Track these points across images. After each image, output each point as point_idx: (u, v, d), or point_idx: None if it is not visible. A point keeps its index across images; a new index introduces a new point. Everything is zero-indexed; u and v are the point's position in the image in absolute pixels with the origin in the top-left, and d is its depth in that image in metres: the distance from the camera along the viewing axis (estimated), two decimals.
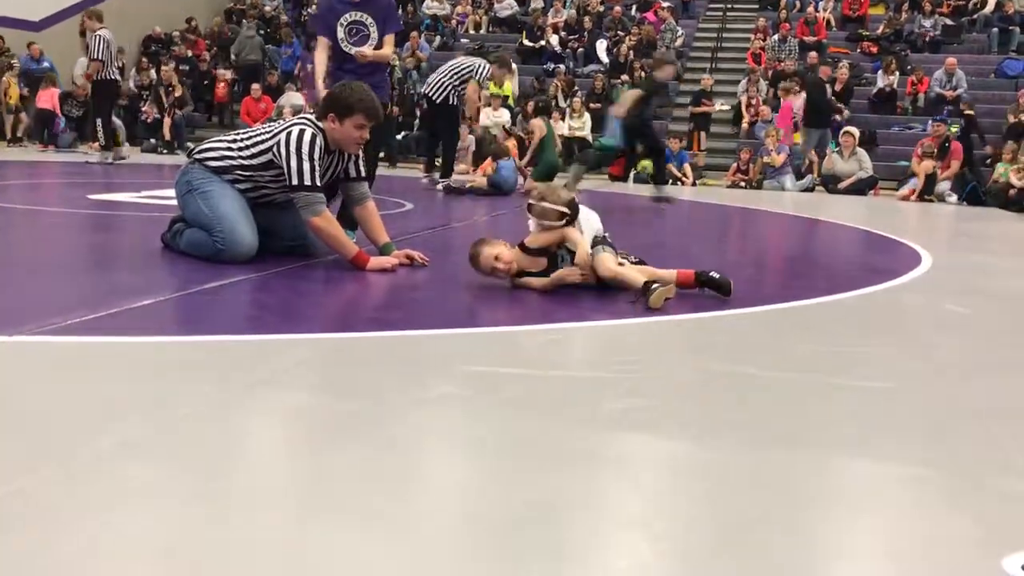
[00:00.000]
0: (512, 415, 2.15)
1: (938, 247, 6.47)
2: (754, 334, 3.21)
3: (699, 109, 15.30)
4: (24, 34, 17.04)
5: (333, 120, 4.05)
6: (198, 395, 2.17)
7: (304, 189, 3.98)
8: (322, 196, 4.03)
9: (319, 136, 4.04)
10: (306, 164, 3.96)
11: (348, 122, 4.01)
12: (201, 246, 4.07)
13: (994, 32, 17.67)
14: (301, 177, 3.97)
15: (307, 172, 3.97)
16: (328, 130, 4.08)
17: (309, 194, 3.98)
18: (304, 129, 4.03)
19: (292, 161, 3.97)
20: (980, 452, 2.06)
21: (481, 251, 3.71)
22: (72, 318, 2.81)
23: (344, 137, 4.06)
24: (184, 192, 4.22)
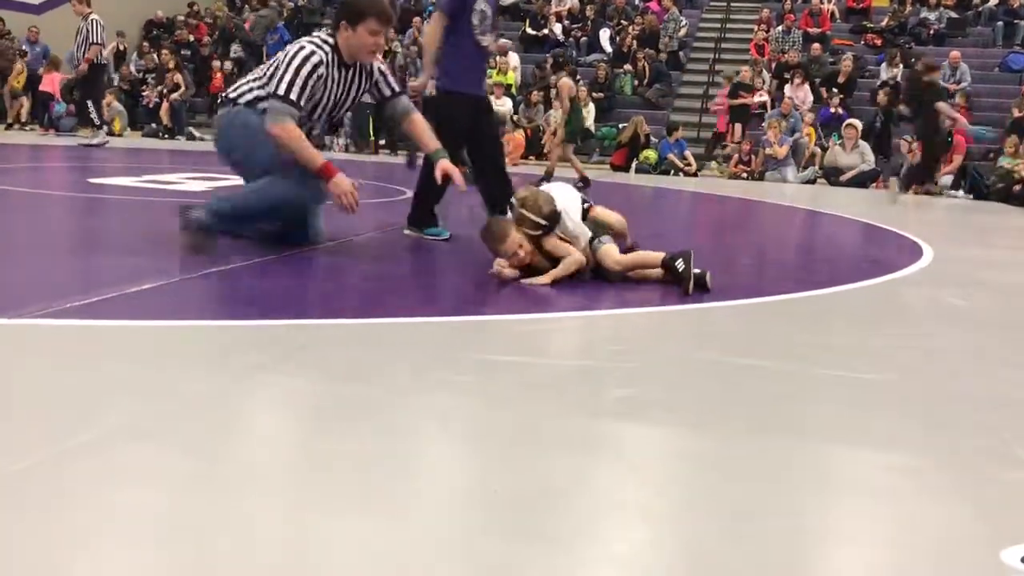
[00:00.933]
0: (511, 402, 2.14)
1: (939, 240, 6.45)
2: (753, 325, 3.20)
3: (736, 101, 15.03)
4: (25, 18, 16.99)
5: (345, 28, 3.93)
6: (198, 379, 2.16)
7: (278, 99, 3.86)
8: (293, 111, 3.86)
9: (324, 59, 3.91)
10: (291, 76, 3.85)
11: (361, 28, 3.89)
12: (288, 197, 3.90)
13: (999, 26, 17.62)
14: (279, 86, 3.85)
15: (288, 84, 3.85)
16: (342, 42, 3.96)
17: (281, 103, 3.85)
18: (309, 48, 3.92)
19: (280, 70, 3.88)
20: (979, 443, 2.05)
21: (511, 232, 3.61)
22: (72, 301, 2.80)
23: (359, 45, 3.94)
24: (248, 137, 3.98)
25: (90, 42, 11.03)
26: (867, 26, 18.21)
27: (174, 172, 8.27)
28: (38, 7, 17.40)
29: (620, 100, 16.43)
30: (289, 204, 3.96)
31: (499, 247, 3.62)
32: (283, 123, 3.84)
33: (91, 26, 11.01)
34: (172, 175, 7.89)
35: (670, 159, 13.71)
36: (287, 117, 3.85)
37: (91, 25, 11.01)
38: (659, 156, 13.85)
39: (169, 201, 6.03)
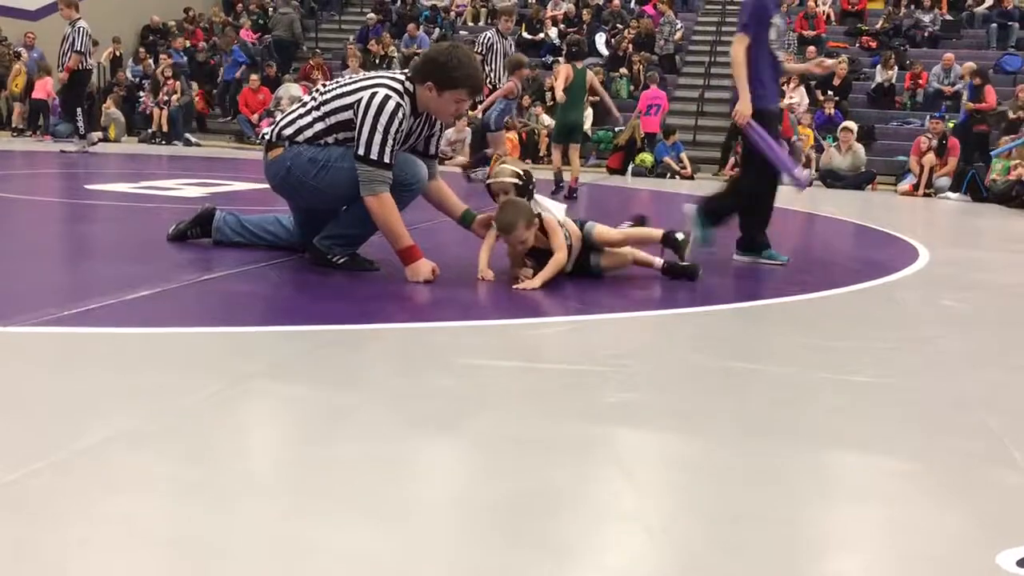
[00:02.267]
0: (507, 408, 2.15)
1: (936, 242, 6.47)
2: (750, 329, 3.21)
3: None
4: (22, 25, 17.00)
5: (431, 89, 3.69)
6: (194, 386, 2.16)
7: (370, 163, 3.62)
8: (388, 175, 3.65)
9: (404, 106, 3.69)
10: (379, 136, 3.60)
11: (448, 95, 3.69)
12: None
13: (993, 28, 17.67)
14: (370, 149, 3.60)
15: (378, 145, 3.61)
16: (422, 96, 3.73)
17: (374, 170, 3.62)
18: (393, 101, 3.65)
19: (366, 129, 3.62)
20: (977, 446, 2.06)
21: (519, 223, 3.60)
22: (68, 309, 2.80)
23: (439, 108, 3.76)
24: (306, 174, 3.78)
25: (75, 49, 11.00)
26: (862, 28, 18.26)
27: (171, 178, 8.27)
28: (34, 13, 17.40)
29: (616, 103, 16.43)
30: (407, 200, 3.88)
31: (512, 229, 3.60)
32: (379, 194, 3.64)
33: (77, 33, 10.98)
34: (169, 181, 7.88)
35: (666, 162, 13.74)
36: (383, 185, 3.64)
37: (77, 32, 10.98)
38: (655, 159, 13.87)
39: (166, 207, 6.03)
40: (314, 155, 3.77)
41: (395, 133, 3.64)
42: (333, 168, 3.75)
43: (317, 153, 3.77)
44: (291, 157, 3.80)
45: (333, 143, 3.77)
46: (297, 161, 3.79)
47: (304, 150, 3.79)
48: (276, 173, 3.89)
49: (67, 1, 11.26)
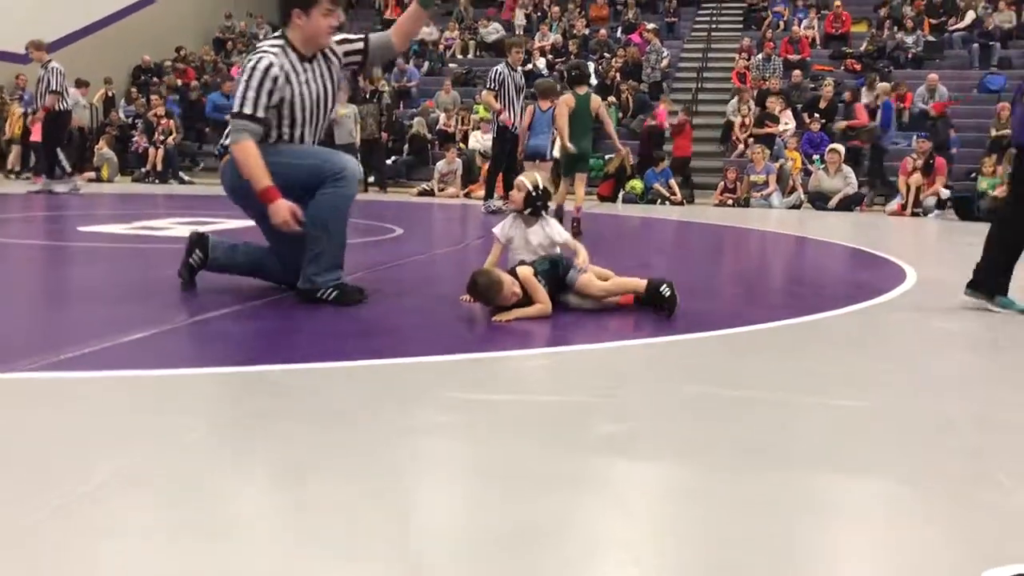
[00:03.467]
0: (499, 441, 2.18)
1: (923, 263, 6.53)
2: (739, 355, 3.25)
3: (763, 131, 14.92)
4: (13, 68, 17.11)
5: (299, 16, 3.86)
6: (191, 428, 2.19)
7: (237, 116, 3.80)
8: (253, 126, 3.79)
9: (275, 59, 3.83)
10: (243, 90, 3.80)
11: (314, 12, 3.83)
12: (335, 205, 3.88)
13: (975, 48, 17.88)
14: (241, 104, 3.79)
15: (242, 99, 3.79)
16: (297, 34, 3.89)
17: (239, 120, 3.79)
18: (261, 56, 3.84)
19: (239, 88, 3.82)
20: (964, 468, 2.09)
21: (502, 278, 3.68)
22: (65, 353, 2.83)
23: (315, 30, 3.87)
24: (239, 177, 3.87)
25: (50, 89, 11.10)
26: (846, 51, 18.47)
27: (164, 218, 8.32)
28: (25, 57, 17.50)
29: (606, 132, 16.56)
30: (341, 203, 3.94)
31: (496, 297, 3.67)
32: (239, 141, 3.79)
33: (51, 74, 11.08)
34: (162, 221, 7.93)
35: (656, 189, 13.84)
36: (245, 134, 3.79)
37: (51, 73, 11.09)
38: (645, 186, 13.97)
39: (159, 247, 6.07)
40: None
41: (261, 84, 3.79)
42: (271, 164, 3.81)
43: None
44: (229, 166, 3.96)
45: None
46: (231, 167, 3.94)
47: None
48: (226, 182, 4.06)
49: (36, 43, 11.39)
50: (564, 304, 3.87)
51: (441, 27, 21.55)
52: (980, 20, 18.34)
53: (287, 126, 3.93)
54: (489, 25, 21.00)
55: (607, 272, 4.02)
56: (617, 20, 21.39)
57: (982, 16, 18.42)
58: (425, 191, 14.69)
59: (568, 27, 20.41)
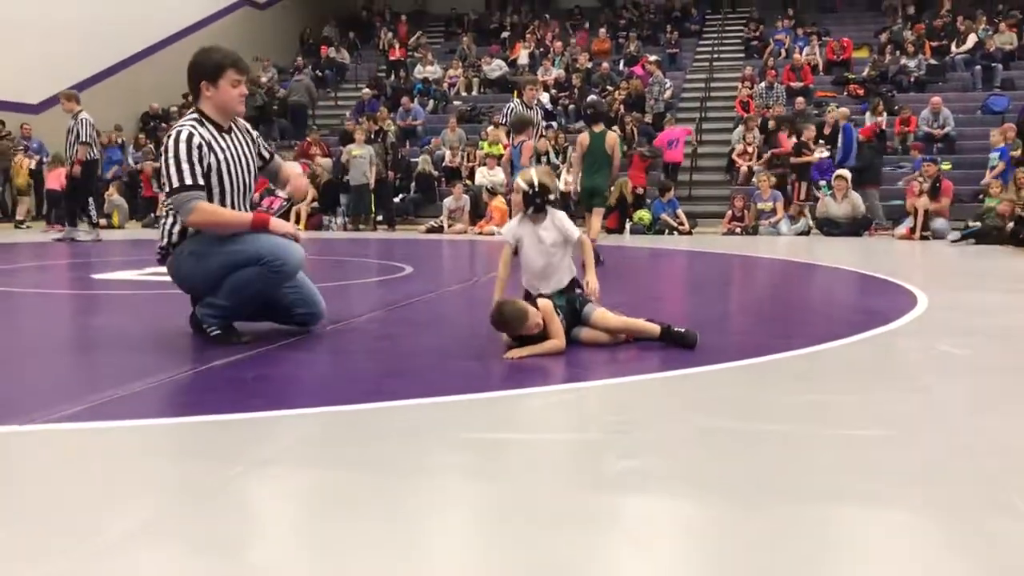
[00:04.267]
0: (512, 481, 2.19)
1: (934, 287, 6.52)
2: (749, 387, 3.25)
3: (800, 159, 14.64)
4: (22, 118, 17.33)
5: (207, 88, 3.90)
6: (208, 476, 2.21)
7: (175, 192, 3.80)
8: (197, 193, 3.81)
9: (194, 129, 3.87)
10: (183, 164, 3.79)
11: (222, 82, 3.88)
12: (250, 281, 3.90)
13: (977, 70, 17.97)
14: (179, 177, 3.79)
15: (182, 172, 3.79)
16: (209, 105, 3.93)
17: (183, 193, 3.79)
18: (180, 130, 3.87)
19: (170, 167, 3.81)
20: (980, 496, 2.09)
21: (529, 309, 3.69)
22: (80, 404, 2.86)
23: (226, 100, 3.92)
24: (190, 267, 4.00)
25: (81, 141, 11.26)
26: (849, 77, 18.57)
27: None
28: (36, 107, 17.78)
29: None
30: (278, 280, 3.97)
31: (521, 327, 3.67)
32: (194, 210, 3.81)
33: (80, 125, 11.25)
34: None
35: (664, 219, 13.88)
36: (192, 202, 3.81)
37: (80, 125, 11.26)
38: (653, 216, 14.02)
39: (171, 293, 6.11)
40: (192, 248, 3.98)
41: (188, 153, 3.81)
42: (211, 254, 3.92)
43: (194, 246, 3.97)
44: (177, 261, 4.03)
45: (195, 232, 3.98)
46: (180, 260, 4.02)
47: (183, 247, 4.01)
48: (180, 275, 4.10)
49: (67, 94, 11.58)
50: (577, 340, 3.88)
51: (445, 65, 21.79)
52: (981, 42, 18.45)
53: (216, 196, 3.96)
54: (492, 62, 21.22)
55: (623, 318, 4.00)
56: (619, 53, 21.60)
57: (983, 38, 18.53)
58: (433, 228, 14.78)
59: (571, 61, 20.61)
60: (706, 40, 22.84)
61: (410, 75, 21.40)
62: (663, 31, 22.69)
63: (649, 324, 3.91)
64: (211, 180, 3.91)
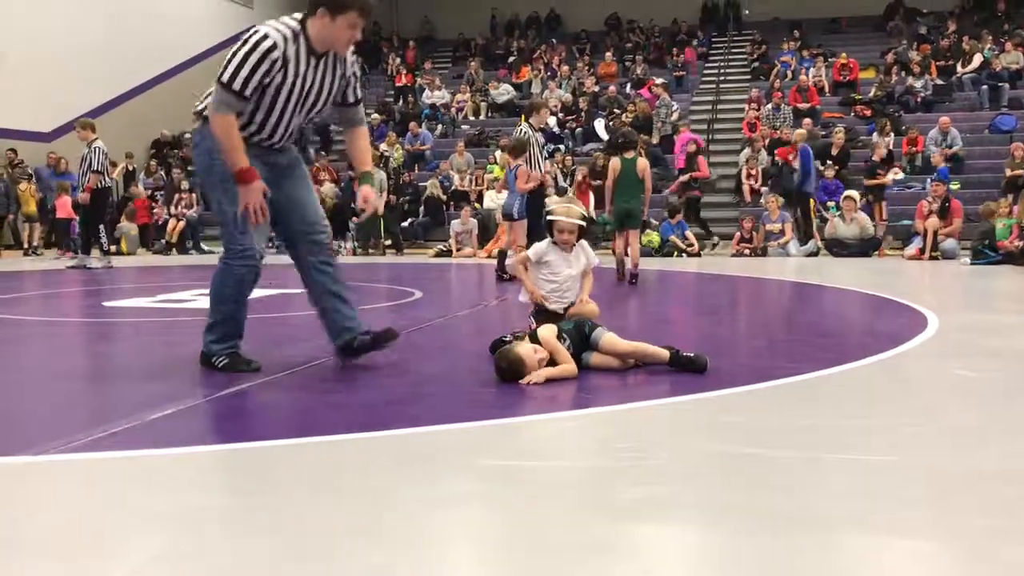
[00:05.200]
0: (524, 510, 2.18)
1: (945, 308, 6.51)
2: (759, 412, 3.24)
3: (875, 181, 14.61)
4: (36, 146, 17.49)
5: (323, 15, 3.69)
6: (223, 506, 2.21)
7: (220, 86, 3.67)
8: (237, 103, 3.68)
9: (280, 44, 3.68)
10: (244, 69, 3.64)
11: (341, 19, 3.68)
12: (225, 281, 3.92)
13: (984, 89, 17.98)
14: (232, 77, 3.64)
15: (233, 71, 3.64)
16: (316, 29, 3.72)
17: (226, 93, 3.66)
18: (261, 32, 3.69)
19: (232, 61, 3.66)
20: (990, 522, 2.08)
21: (523, 355, 3.67)
22: (94, 433, 2.87)
23: (334, 37, 3.73)
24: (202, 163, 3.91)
25: (93, 169, 11.36)
26: (856, 98, 18.60)
27: (186, 289, 8.43)
28: (48, 135, 17.94)
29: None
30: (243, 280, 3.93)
31: (524, 372, 3.66)
32: (221, 113, 3.67)
33: (94, 154, 11.36)
34: (185, 292, 8.04)
35: (672, 241, 13.89)
36: (227, 108, 3.67)
37: (94, 153, 11.36)
38: (661, 238, 14.02)
39: (182, 320, 6.14)
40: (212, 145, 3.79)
41: (257, 64, 3.64)
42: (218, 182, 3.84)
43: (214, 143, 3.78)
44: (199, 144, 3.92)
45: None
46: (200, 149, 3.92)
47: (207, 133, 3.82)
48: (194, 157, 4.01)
49: (83, 123, 11.70)
50: (587, 365, 3.88)
51: (453, 90, 21.92)
52: (988, 62, 18.48)
53: (263, 112, 3.79)
54: (500, 87, 21.34)
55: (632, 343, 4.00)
56: (626, 76, 21.70)
57: (989, 58, 18.56)
58: (442, 252, 14.82)
59: (578, 84, 20.70)
60: (712, 63, 22.94)
61: (418, 100, 21.53)
62: (669, 54, 22.81)
63: (658, 349, 3.91)
64: (265, 97, 3.75)
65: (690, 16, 25.01)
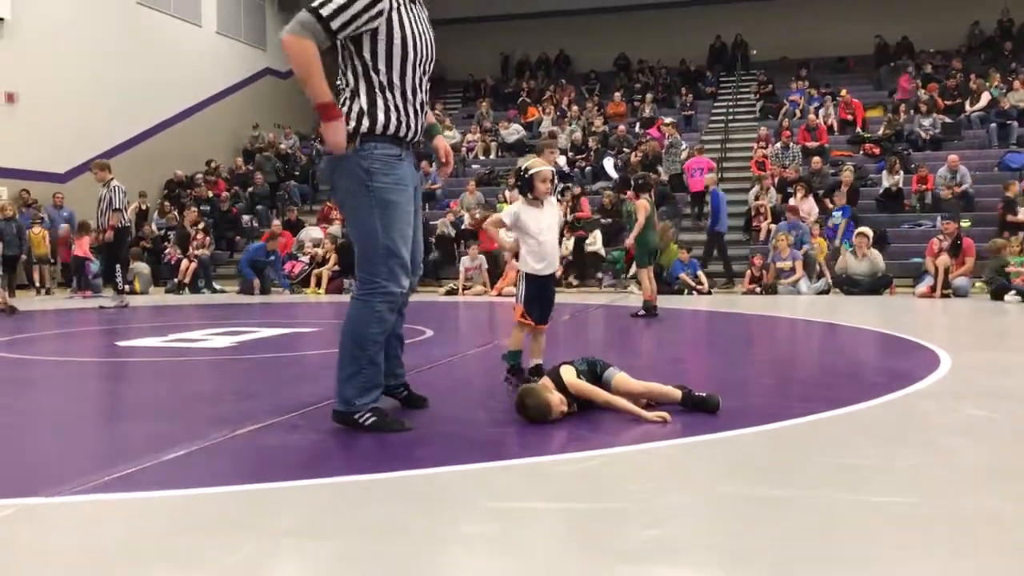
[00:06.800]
0: (535, 552, 2.18)
1: (957, 347, 6.48)
2: (772, 453, 3.23)
3: (1017, 218, 14.08)
4: (50, 186, 17.69)
5: None
6: (232, 547, 2.21)
7: (309, 11, 3.34)
8: (321, 34, 3.33)
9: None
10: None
11: None
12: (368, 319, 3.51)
13: (992, 127, 18.03)
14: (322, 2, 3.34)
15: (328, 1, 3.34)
16: None
17: (311, 17, 3.32)
18: None
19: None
20: (1009, 565, 2.06)
21: (549, 398, 3.68)
22: (106, 475, 2.88)
23: None
24: (358, 195, 3.50)
25: (113, 208, 11.50)
26: (864, 136, 18.68)
27: (199, 328, 8.47)
28: (63, 176, 18.14)
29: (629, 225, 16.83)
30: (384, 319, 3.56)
31: (548, 418, 3.67)
32: (300, 36, 3.31)
33: (113, 193, 11.50)
34: (197, 332, 8.07)
35: (683, 279, 13.89)
36: (308, 34, 3.31)
37: (113, 192, 11.50)
38: (671, 276, 14.01)
39: (194, 360, 6.17)
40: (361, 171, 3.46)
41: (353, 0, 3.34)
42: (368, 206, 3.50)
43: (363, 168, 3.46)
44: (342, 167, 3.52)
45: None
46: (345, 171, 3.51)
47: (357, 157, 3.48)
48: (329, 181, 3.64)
49: (100, 164, 11.88)
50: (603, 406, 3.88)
51: (463, 130, 22.11)
52: (995, 100, 18.55)
53: (397, 66, 3.47)
54: (509, 127, 21.52)
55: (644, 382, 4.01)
56: (635, 115, 21.87)
57: (997, 96, 18.64)
58: (452, 290, 14.86)
59: (587, 124, 20.86)
60: (721, 102, 23.10)
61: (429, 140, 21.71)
62: (678, 93, 22.99)
63: (670, 389, 3.91)
64: (392, 49, 3.45)
65: (698, 56, 25.26)
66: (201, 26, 22.29)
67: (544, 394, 3.71)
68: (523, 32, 27.02)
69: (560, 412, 3.70)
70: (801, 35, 24.70)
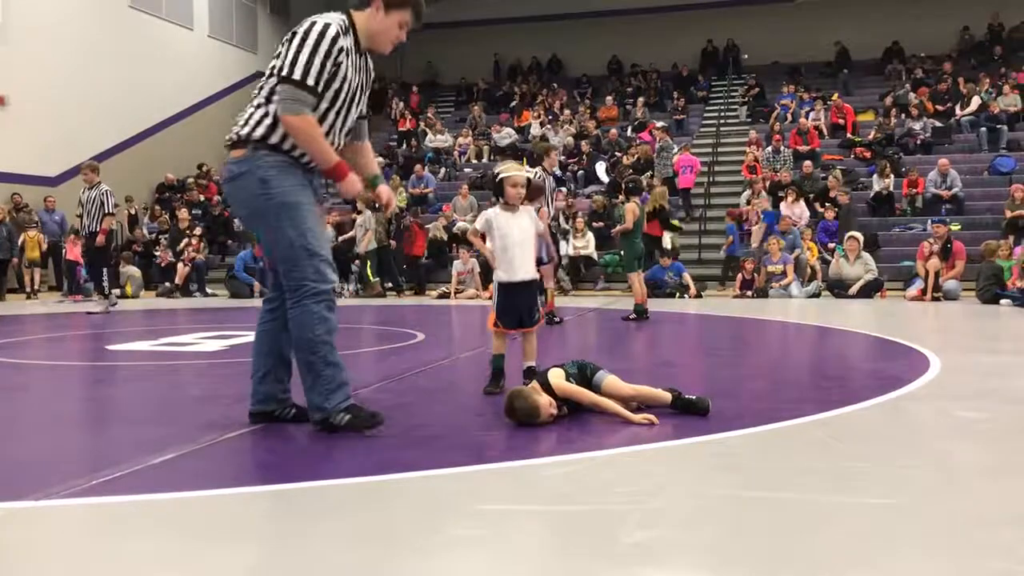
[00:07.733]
0: (528, 555, 2.17)
1: (947, 350, 6.50)
2: (764, 455, 3.23)
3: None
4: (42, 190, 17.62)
5: (378, 9, 3.53)
6: (227, 551, 2.20)
7: (293, 83, 3.37)
8: (310, 99, 3.39)
9: (341, 36, 3.45)
10: (314, 61, 3.37)
11: (395, 15, 3.53)
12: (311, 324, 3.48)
13: (983, 131, 18.12)
14: (304, 73, 3.36)
15: (309, 69, 3.37)
16: (364, 22, 3.55)
17: (299, 91, 3.37)
18: (328, 24, 3.43)
19: (299, 55, 3.37)
20: (996, 566, 2.06)
21: (539, 401, 3.69)
22: (96, 478, 2.86)
23: (383, 32, 3.55)
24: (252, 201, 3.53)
25: (105, 212, 11.44)
26: (855, 140, 18.75)
27: (189, 332, 8.44)
28: (54, 179, 18.08)
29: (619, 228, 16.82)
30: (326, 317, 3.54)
31: (536, 420, 3.67)
32: (300, 112, 3.38)
33: (104, 196, 11.44)
34: (188, 336, 8.05)
35: (668, 282, 13.87)
36: (304, 106, 3.39)
37: (104, 196, 11.44)
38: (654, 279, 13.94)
39: (185, 364, 6.15)
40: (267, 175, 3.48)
41: (326, 57, 3.39)
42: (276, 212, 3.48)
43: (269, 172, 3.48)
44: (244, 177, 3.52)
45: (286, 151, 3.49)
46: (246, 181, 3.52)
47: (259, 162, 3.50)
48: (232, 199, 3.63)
49: (91, 166, 11.80)
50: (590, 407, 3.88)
51: (455, 134, 22.13)
52: (985, 104, 18.64)
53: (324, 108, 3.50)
54: (502, 130, 21.54)
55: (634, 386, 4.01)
56: (627, 120, 21.90)
57: (987, 100, 18.73)
58: (444, 294, 14.86)
59: (579, 129, 20.89)
60: (713, 106, 23.16)
61: (421, 144, 21.72)
62: (670, 97, 23.04)
63: (661, 392, 3.91)
64: (330, 92, 3.48)
65: (690, 61, 25.33)
66: (193, 29, 22.26)
67: (533, 397, 3.71)
68: (516, 36, 27.05)
69: (549, 415, 3.70)
70: (793, 39, 24.78)
